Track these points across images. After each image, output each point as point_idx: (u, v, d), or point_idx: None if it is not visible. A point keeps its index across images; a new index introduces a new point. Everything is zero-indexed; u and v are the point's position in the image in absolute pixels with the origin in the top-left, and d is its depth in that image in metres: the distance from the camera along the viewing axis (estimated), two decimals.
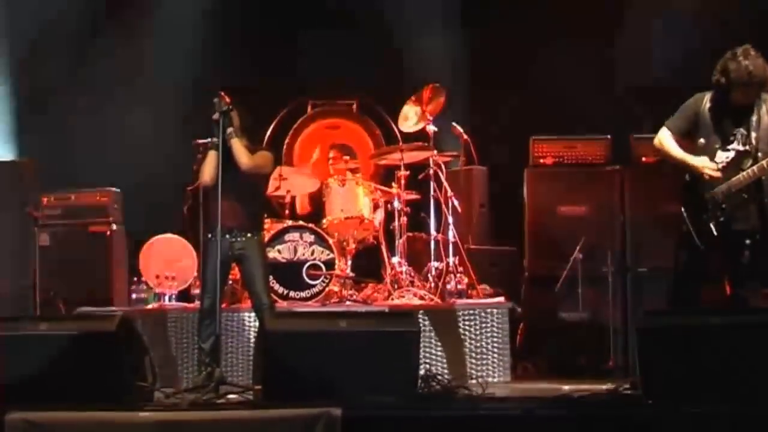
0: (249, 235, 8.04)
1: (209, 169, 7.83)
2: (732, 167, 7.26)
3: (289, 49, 11.35)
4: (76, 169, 10.76)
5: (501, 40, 11.05)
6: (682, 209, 7.43)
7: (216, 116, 7.74)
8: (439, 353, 9.02)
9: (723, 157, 7.29)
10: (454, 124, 10.28)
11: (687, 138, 7.44)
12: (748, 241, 7.24)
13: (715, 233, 7.26)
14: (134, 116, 10.97)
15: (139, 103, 10.95)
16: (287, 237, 9.60)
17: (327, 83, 11.40)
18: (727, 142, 7.29)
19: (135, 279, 9.85)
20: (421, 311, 8.98)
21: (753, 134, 7.22)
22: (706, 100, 7.35)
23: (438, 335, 9.05)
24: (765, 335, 6.50)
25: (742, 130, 7.27)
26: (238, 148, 7.91)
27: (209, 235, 8.00)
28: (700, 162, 7.29)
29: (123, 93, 11.02)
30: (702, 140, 7.35)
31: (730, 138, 7.29)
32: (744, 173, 7.22)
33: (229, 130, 7.84)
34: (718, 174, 7.23)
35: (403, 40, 11.09)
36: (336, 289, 9.65)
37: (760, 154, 7.20)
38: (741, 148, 7.26)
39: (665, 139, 7.46)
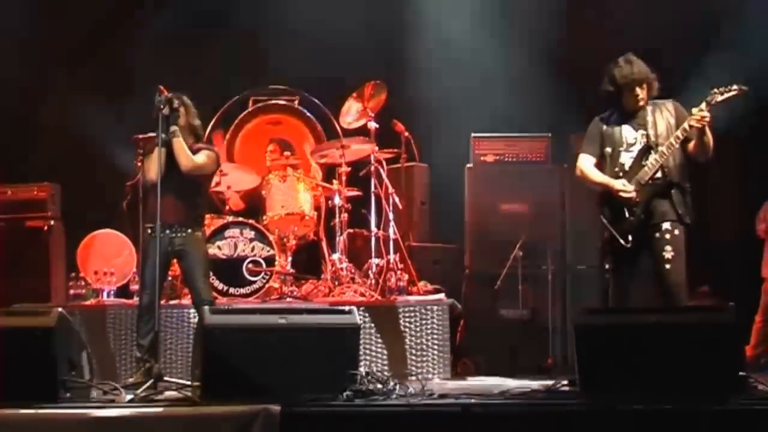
0: (189, 231, 7.99)
1: (155, 166, 7.74)
2: (637, 165, 7.59)
3: (230, 44, 11.30)
4: (12, 163, 10.62)
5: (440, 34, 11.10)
6: (602, 217, 7.68)
7: (165, 111, 7.68)
8: (379, 350, 9.03)
9: (627, 158, 7.64)
10: (395, 120, 10.29)
11: (604, 158, 7.78)
12: (667, 235, 7.49)
13: (634, 229, 7.52)
14: (72, 110, 10.84)
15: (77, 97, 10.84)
16: (227, 233, 9.56)
17: (268, 79, 11.36)
18: (629, 146, 7.63)
19: (73, 275, 9.76)
20: (361, 308, 8.97)
21: (651, 131, 7.58)
22: (604, 117, 7.78)
23: (378, 332, 9.06)
24: (700, 334, 6.57)
25: (641, 131, 7.62)
26: (179, 149, 7.84)
27: (149, 231, 7.94)
28: (617, 184, 7.58)
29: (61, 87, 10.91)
30: (608, 149, 7.70)
31: (632, 141, 7.63)
32: (648, 164, 7.53)
33: (173, 128, 7.79)
34: (632, 195, 7.51)
35: (344, 37, 11.08)
36: (276, 285, 9.62)
37: (660, 148, 7.51)
38: (641, 146, 7.60)
39: (585, 167, 7.80)
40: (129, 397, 6.73)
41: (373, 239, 9.97)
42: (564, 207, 10.06)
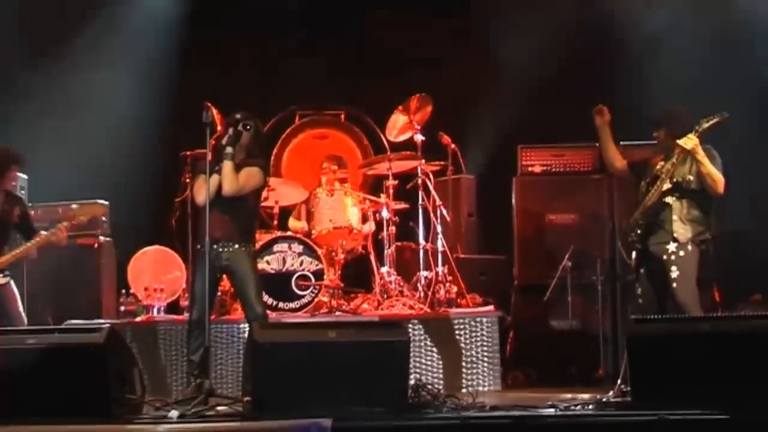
0: (237, 246, 7.94)
1: (204, 191, 7.73)
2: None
3: (278, 58, 11.35)
4: (62, 181, 10.68)
5: (487, 47, 11.07)
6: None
7: (229, 135, 7.76)
8: (429, 363, 9.01)
9: (645, 188, 8.00)
10: (441, 133, 10.27)
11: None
12: (673, 257, 7.74)
13: (641, 249, 7.90)
14: (119, 127, 10.90)
15: (124, 113, 10.91)
16: (276, 248, 9.57)
17: (315, 93, 11.39)
18: (653, 176, 7.98)
19: (123, 291, 9.81)
20: (410, 321, 8.96)
21: (666, 164, 7.86)
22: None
23: (428, 345, 9.04)
24: (752, 342, 6.50)
25: (661, 163, 7.95)
26: (226, 172, 7.78)
27: (198, 246, 7.95)
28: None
29: (108, 102, 10.98)
30: (644, 180, 8.04)
31: (653, 173, 7.99)
32: (650, 194, 7.87)
33: (228, 150, 7.80)
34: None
35: (391, 49, 11.11)
36: (325, 299, 9.62)
37: (661, 176, 7.87)
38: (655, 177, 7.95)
39: None
40: (180, 412, 6.75)
41: (421, 252, 9.94)
42: (613, 216, 9.99)
